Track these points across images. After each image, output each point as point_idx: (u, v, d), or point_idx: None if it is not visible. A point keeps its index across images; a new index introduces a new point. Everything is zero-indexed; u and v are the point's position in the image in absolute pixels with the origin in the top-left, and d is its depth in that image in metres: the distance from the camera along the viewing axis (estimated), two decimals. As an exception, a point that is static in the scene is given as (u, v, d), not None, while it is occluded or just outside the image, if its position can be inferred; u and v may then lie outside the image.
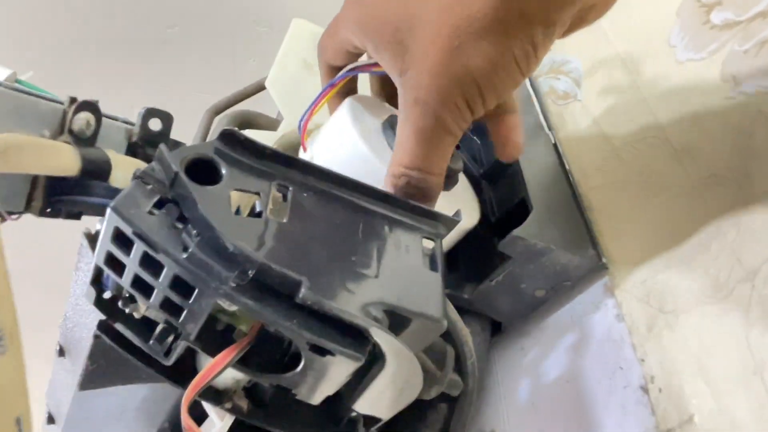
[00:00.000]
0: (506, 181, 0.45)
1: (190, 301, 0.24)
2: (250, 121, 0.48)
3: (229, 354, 0.26)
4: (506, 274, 0.37)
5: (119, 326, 0.28)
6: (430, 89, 0.26)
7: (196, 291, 0.24)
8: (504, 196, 0.46)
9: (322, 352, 0.25)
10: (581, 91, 0.46)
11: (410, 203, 0.31)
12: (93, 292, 0.28)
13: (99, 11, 0.81)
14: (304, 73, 0.50)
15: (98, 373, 0.34)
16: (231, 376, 0.30)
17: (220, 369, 0.26)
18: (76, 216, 0.29)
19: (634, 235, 0.37)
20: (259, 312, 0.24)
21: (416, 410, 0.42)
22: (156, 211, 0.24)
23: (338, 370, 0.26)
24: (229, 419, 0.31)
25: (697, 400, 0.29)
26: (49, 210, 0.29)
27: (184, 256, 0.23)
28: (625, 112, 0.42)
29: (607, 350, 0.35)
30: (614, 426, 0.33)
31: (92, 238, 0.31)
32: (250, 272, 0.24)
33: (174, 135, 0.45)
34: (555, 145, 0.46)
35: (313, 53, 0.52)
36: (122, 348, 0.30)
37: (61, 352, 0.39)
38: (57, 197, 0.28)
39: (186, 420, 0.26)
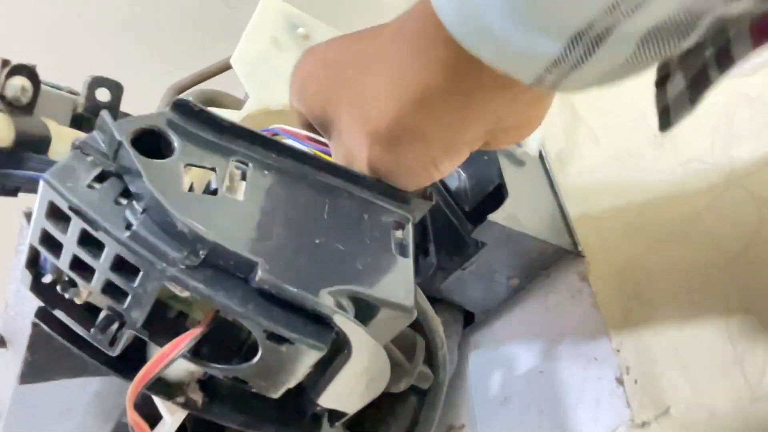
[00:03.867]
0: (481, 167, 0.44)
1: (135, 285, 0.22)
2: (214, 99, 0.46)
3: (179, 343, 0.24)
4: (480, 261, 0.36)
5: (59, 313, 0.26)
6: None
7: (141, 273, 0.22)
8: (478, 183, 0.44)
9: (281, 340, 0.23)
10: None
11: (381, 183, 0.29)
12: (29, 276, 0.25)
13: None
14: (272, 50, 0.48)
15: (39, 365, 0.31)
16: (184, 368, 0.28)
17: (169, 360, 0.23)
18: (12, 192, 0.27)
19: (611, 223, 0.36)
20: (211, 297, 0.22)
21: (385, 403, 0.40)
22: (97, 185, 0.22)
23: (299, 360, 0.24)
24: (180, 414, 0.29)
25: (674, 392, 0.28)
26: (-21, 187, 0.26)
27: (127, 234, 0.21)
28: (603, 95, 0.41)
29: (581, 340, 0.34)
30: (588, 419, 0.32)
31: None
32: (201, 253, 0.22)
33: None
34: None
35: (282, 31, 0.50)
36: (63, 337, 0.27)
37: (2, 343, 0.36)
38: (-12, 170, 0.26)
39: (132, 416, 0.24)
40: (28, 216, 0.29)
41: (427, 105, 0.24)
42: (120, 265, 0.22)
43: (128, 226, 0.21)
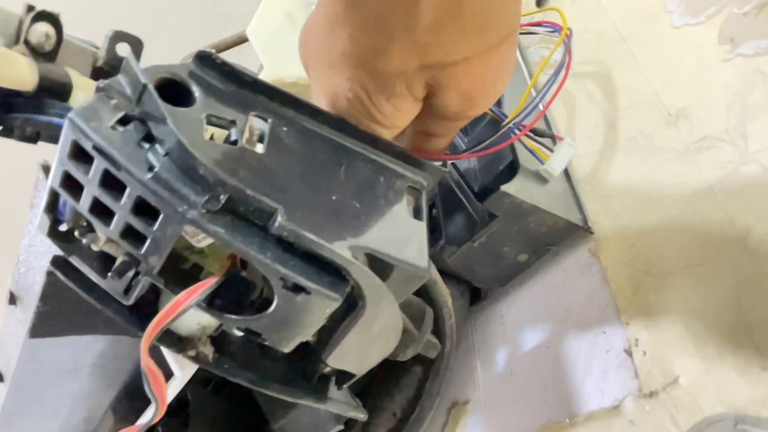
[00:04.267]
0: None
1: (154, 228, 0.22)
2: (229, 71, 0.46)
3: (195, 290, 0.24)
4: (490, 234, 0.36)
5: (75, 260, 0.26)
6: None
7: (161, 216, 0.22)
8: (488, 165, 0.44)
9: (297, 290, 0.23)
10: (572, 59, 0.45)
11: (396, 148, 0.29)
12: (47, 222, 0.25)
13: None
14: (287, 26, 0.48)
15: (50, 318, 0.31)
16: (196, 322, 0.28)
17: (185, 306, 0.24)
18: (32, 139, 0.27)
19: (623, 200, 0.36)
20: (230, 242, 0.22)
21: (390, 374, 0.40)
22: (120, 128, 0.22)
23: (313, 311, 0.24)
24: (190, 369, 0.29)
25: (683, 362, 0.28)
26: (1, 130, 0.26)
27: (149, 176, 0.21)
28: (618, 78, 0.41)
29: (590, 315, 0.34)
30: (595, 391, 0.32)
31: (49, 170, 0.28)
32: (221, 197, 0.22)
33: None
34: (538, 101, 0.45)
35: (296, 7, 0.50)
36: (78, 286, 0.27)
37: (12, 300, 0.36)
38: (9, 114, 0.26)
39: (146, 361, 0.24)
40: (45, 169, 0.29)
41: (346, 22, 0.25)
42: (140, 209, 0.22)
43: (150, 168, 0.22)
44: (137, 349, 0.40)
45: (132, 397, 0.46)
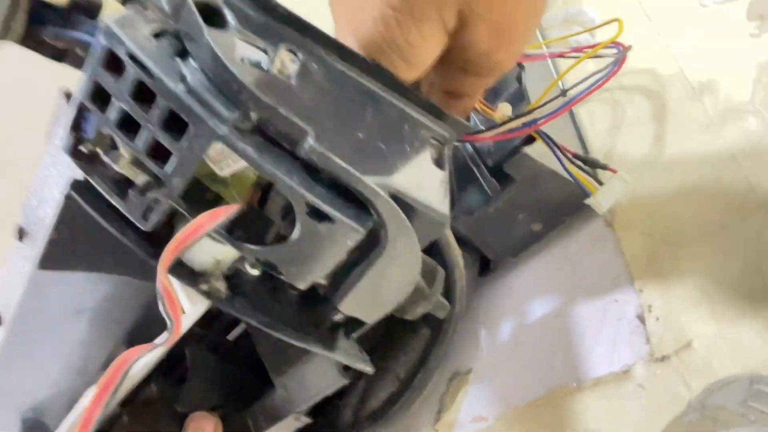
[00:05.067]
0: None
1: (182, 143, 0.22)
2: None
3: (219, 213, 0.24)
4: (506, 200, 0.36)
5: (95, 180, 0.25)
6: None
7: (191, 130, 0.21)
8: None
9: (321, 217, 0.23)
10: (595, 40, 0.45)
11: (423, 98, 0.29)
12: (71, 140, 0.25)
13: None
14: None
15: (62, 247, 0.31)
16: (212, 256, 0.27)
17: (208, 228, 0.23)
18: (59, 57, 0.27)
19: (642, 172, 0.36)
20: (259, 162, 0.22)
21: (396, 335, 0.40)
22: (154, 40, 0.22)
23: (334, 243, 0.24)
24: (201, 305, 0.29)
25: (697, 326, 0.28)
26: (30, 42, 0.26)
27: (182, 87, 0.21)
28: (642, 58, 0.41)
29: (602, 285, 0.34)
30: (604, 357, 0.32)
31: (70, 96, 0.28)
32: (253, 116, 0.21)
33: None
34: (564, 92, 0.45)
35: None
36: (95, 210, 0.27)
37: (21, 235, 0.36)
38: (40, 25, 0.25)
39: (163, 280, 0.24)
40: (66, 95, 0.29)
41: None
42: (168, 124, 0.22)
43: (183, 80, 0.21)
44: (141, 296, 0.39)
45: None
